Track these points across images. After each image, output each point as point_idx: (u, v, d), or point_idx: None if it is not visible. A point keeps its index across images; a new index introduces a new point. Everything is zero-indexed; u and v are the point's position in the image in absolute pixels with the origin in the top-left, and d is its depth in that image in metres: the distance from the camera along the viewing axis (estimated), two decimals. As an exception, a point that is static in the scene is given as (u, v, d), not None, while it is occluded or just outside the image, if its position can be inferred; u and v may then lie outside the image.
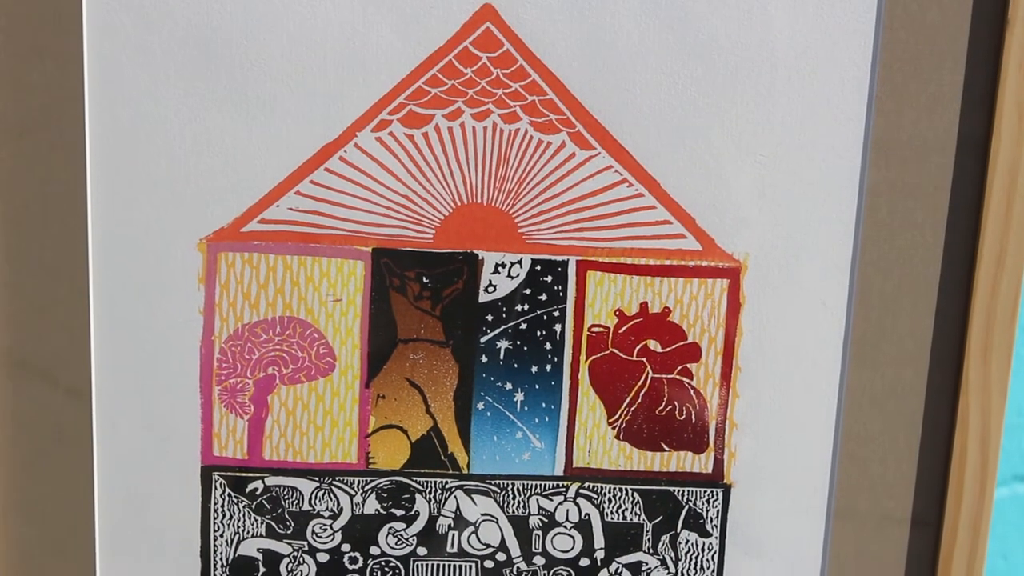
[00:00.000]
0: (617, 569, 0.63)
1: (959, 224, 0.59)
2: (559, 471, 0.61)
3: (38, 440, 0.59)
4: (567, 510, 0.62)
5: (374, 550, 0.62)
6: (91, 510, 0.60)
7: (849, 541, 0.62)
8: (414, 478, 0.61)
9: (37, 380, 0.59)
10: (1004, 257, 0.59)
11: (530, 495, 0.61)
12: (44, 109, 0.56)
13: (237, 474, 0.60)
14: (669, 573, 0.63)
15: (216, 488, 0.60)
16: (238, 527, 0.61)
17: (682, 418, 0.61)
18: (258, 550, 0.61)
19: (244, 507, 0.61)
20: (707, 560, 0.63)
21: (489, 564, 0.62)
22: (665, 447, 0.61)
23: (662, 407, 0.61)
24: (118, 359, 0.59)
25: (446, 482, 0.61)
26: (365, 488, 0.61)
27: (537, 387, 0.60)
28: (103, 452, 0.59)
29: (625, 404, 0.61)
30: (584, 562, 0.62)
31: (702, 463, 0.62)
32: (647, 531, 0.62)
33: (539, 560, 0.62)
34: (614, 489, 0.62)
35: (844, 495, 0.62)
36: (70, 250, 0.58)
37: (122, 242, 0.57)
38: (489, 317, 0.59)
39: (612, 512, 0.62)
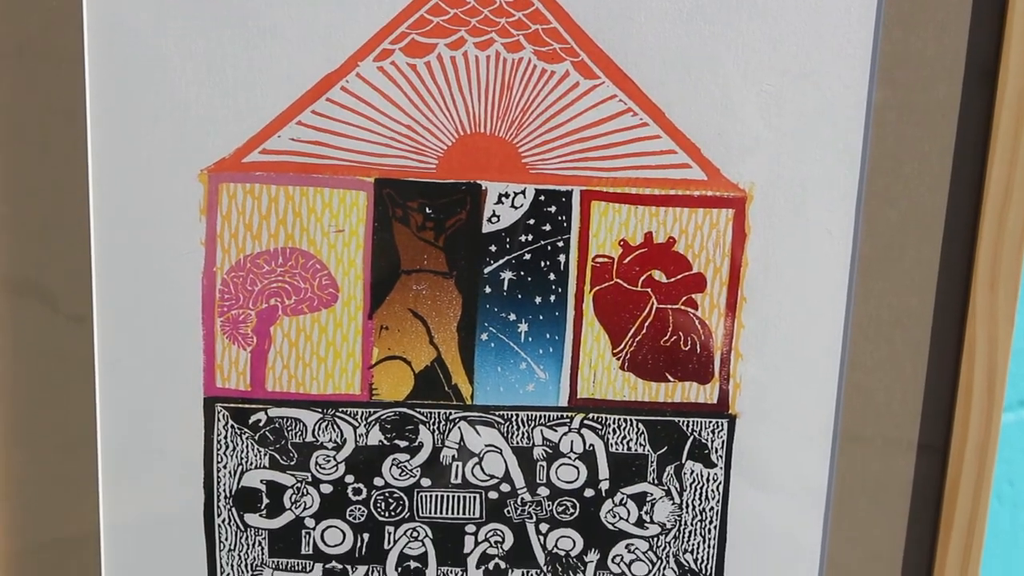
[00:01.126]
0: (622, 500, 0.67)
1: (966, 152, 0.63)
2: (563, 402, 0.65)
3: (40, 370, 0.63)
4: (571, 441, 0.66)
5: (378, 481, 0.66)
6: (94, 442, 0.64)
7: (855, 470, 0.67)
8: (417, 409, 0.65)
9: (38, 309, 0.63)
10: (1011, 185, 0.62)
11: (534, 426, 0.66)
12: (43, 40, 0.59)
13: (240, 405, 0.65)
14: (674, 504, 0.67)
15: (219, 420, 0.65)
16: (241, 459, 0.66)
17: (687, 348, 0.65)
18: (261, 481, 0.66)
19: (247, 438, 0.65)
20: (712, 491, 0.67)
21: (493, 495, 0.67)
22: (670, 378, 0.65)
23: (667, 337, 0.65)
24: (120, 292, 0.62)
25: (450, 413, 0.65)
26: (368, 419, 0.65)
27: (541, 318, 0.64)
28: (105, 384, 0.63)
29: (630, 335, 0.65)
30: (588, 493, 0.67)
31: (707, 393, 0.66)
32: (652, 462, 0.67)
33: (543, 491, 0.67)
34: (619, 420, 0.66)
35: (850, 424, 0.66)
36: (71, 182, 0.61)
37: (123, 173, 0.61)
38: (493, 248, 0.63)
39: (617, 443, 0.66)
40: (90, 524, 0.66)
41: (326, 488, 0.66)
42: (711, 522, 0.68)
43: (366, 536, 0.67)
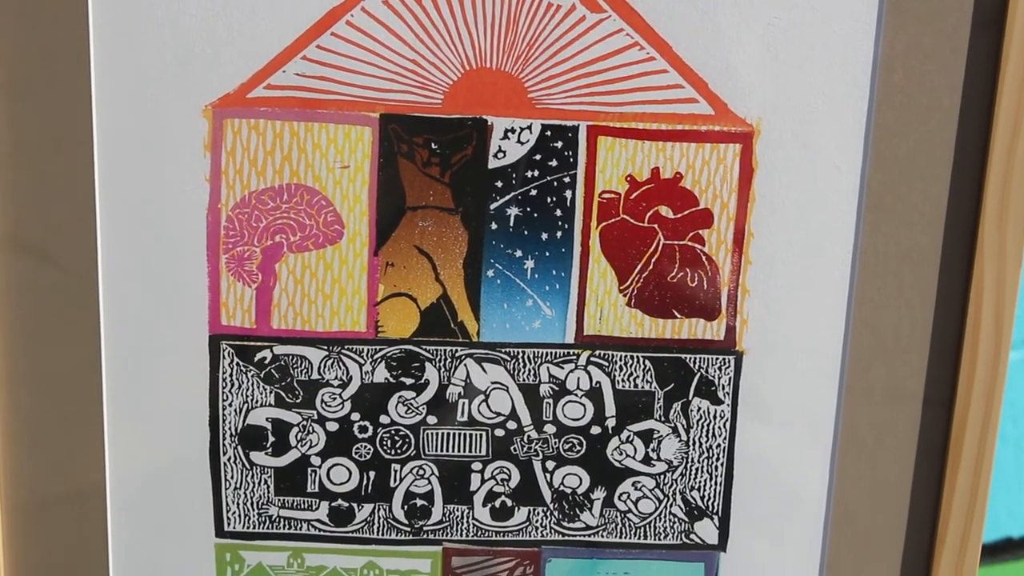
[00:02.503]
0: (628, 437, 0.69)
1: (976, 87, 0.64)
2: (570, 339, 0.67)
3: (44, 308, 0.66)
4: (578, 378, 0.68)
5: (384, 419, 0.68)
6: (98, 380, 0.67)
7: (862, 407, 0.69)
8: (423, 346, 0.67)
9: (41, 256, 0.65)
10: (1020, 121, 0.64)
11: (540, 363, 0.68)
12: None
13: (245, 343, 0.67)
14: (681, 441, 0.69)
15: (224, 357, 0.67)
16: (247, 396, 0.68)
17: (694, 285, 0.67)
18: (267, 419, 0.68)
19: (252, 376, 0.67)
20: (719, 428, 0.69)
21: (499, 432, 0.69)
22: (677, 314, 0.67)
23: (674, 274, 0.67)
24: (124, 228, 0.64)
25: (456, 350, 0.68)
26: (374, 357, 0.68)
27: (547, 254, 0.66)
28: (110, 323, 0.66)
29: (636, 271, 0.67)
30: (595, 430, 0.69)
31: (714, 330, 0.68)
32: (658, 399, 0.69)
33: (550, 428, 0.69)
34: (625, 357, 0.68)
35: (857, 361, 0.68)
36: (75, 121, 0.63)
37: (127, 110, 0.63)
38: (499, 183, 0.65)
39: (623, 380, 0.68)
40: (97, 466, 0.68)
41: (332, 426, 0.69)
42: (718, 459, 0.70)
43: (372, 474, 0.69)
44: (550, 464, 0.70)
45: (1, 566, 0.68)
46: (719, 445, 0.70)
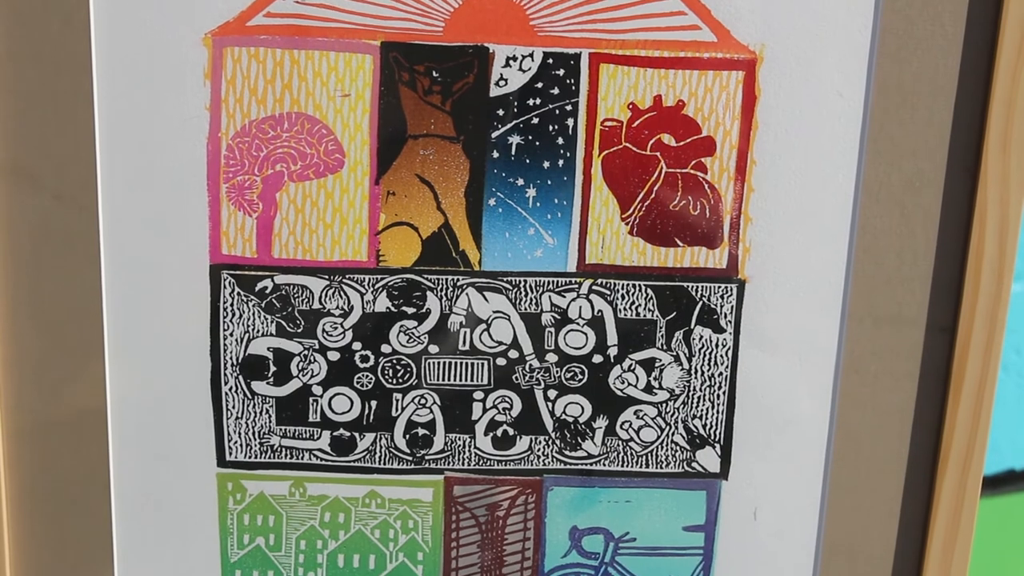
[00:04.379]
0: (630, 366, 0.72)
1: (979, 12, 0.66)
2: (572, 267, 0.70)
3: (44, 237, 0.68)
4: (580, 307, 0.71)
5: (385, 348, 0.71)
6: (99, 312, 0.69)
7: (864, 334, 0.71)
8: (425, 275, 0.70)
9: (40, 184, 0.67)
10: None
11: (542, 292, 0.71)
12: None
13: (246, 273, 0.70)
14: (683, 369, 0.72)
15: (225, 287, 0.70)
16: (248, 326, 0.71)
17: (696, 213, 0.69)
18: (268, 349, 0.71)
19: (253, 306, 0.70)
20: (721, 356, 0.72)
21: (501, 362, 0.72)
22: (679, 242, 0.70)
23: (676, 202, 0.69)
24: (123, 158, 0.67)
25: (457, 279, 0.70)
26: (376, 286, 0.70)
27: (549, 183, 0.69)
28: (110, 254, 0.68)
29: (639, 199, 0.69)
30: (597, 359, 0.72)
31: (716, 258, 0.70)
32: (660, 327, 0.72)
33: (552, 357, 0.72)
34: (627, 285, 0.71)
35: (860, 288, 0.70)
36: (73, 49, 0.65)
37: (126, 39, 0.65)
38: (500, 112, 0.67)
39: (625, 308, 0.71)
40: (97, 396, 0.71)
41: (333, 355, 0.72)
42: (720, 388, 0.73)
43: (373, 403, 0.73)
44: (552, 393, 0.73)
45: (3, 491, 0.72)
46: (721, 373, 0.73)
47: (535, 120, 0.68)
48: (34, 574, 0.73)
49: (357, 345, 0.72)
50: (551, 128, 0.68)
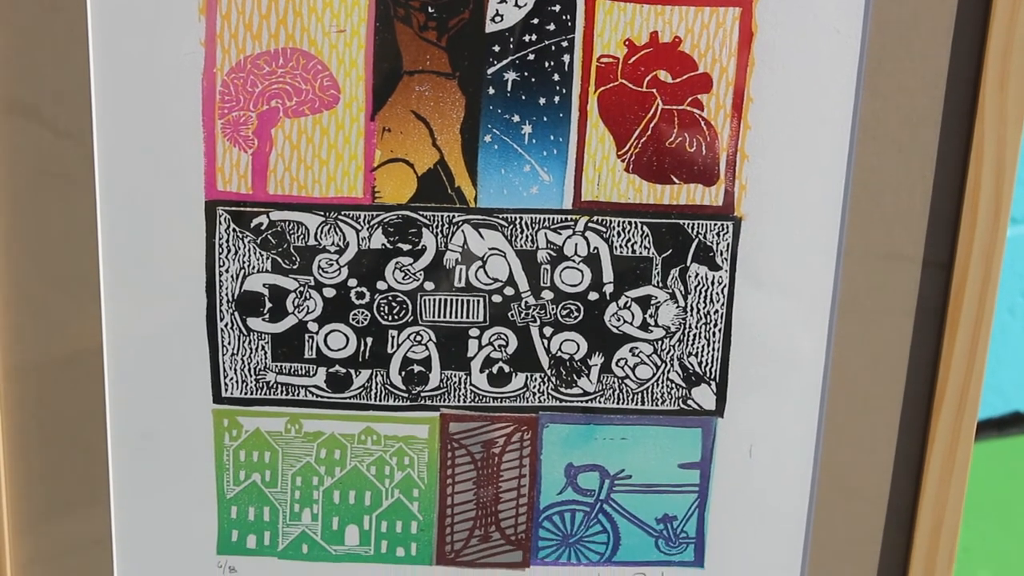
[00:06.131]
0: (626, 303, 0.74)
1: None
2: (567, 205, 0.72)
3: (39, 172, 0.70)
4: (575, 244, 0.73)
5: (381, 285, 0.74)
6: (94, 248, 0.72)
7: (861, 271, 0.73)
8: (420, 212, 0.72)
9: (36, 119, 0.69)
10: None
11: (538, 229, 0.73)
12: None
13: (241, 209, 0.72)
14: (678, 307, 0.75)
15: (220, 223, 0.72)
16: (243, 262, 0.73)
17: (692, 150, 0.71)
18: (264, 285, 0.73)
19: (249, 242, 0.72)
20: (717, 294, 0.74)
21: (497, 299, 0.74)
22: (675, 179, 0.72)
23: (672, 139, 0.71)
24: (119, 93, 0.69)
25: (453, 216, 0.72)
26: (371, 223, 0.72)
27: (545, 119, 0.70)
28: (105, 190, 0.71)
29: (635, 136, 0.71)
30: (593, 296, 0.74)
31: (712, 195, 0.72)
32: (656, 265, 0.74)
33: (547, 295, 0.74)
34: (623, 223, 0.73)
35: (856, 228, 0.72)
36: None
37: None
38: (496, 48, 0.69)
39: (621, 246, 0.73)
40: (93, 333, 0.74)
41: (329, 292, 0.74)
42: (715, 325, 0.75)
43: (369, 340, 0.75)
44: (547, 330, 0.75)
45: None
46: (717, 311, 0.75)
47: (531, 56, 0.70)
48: (30, 511, 0.76)
49: (353, 282, 0.74)
50: (547, 64, 0.70)
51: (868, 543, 0.79)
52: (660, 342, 0.76)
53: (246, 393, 0.75)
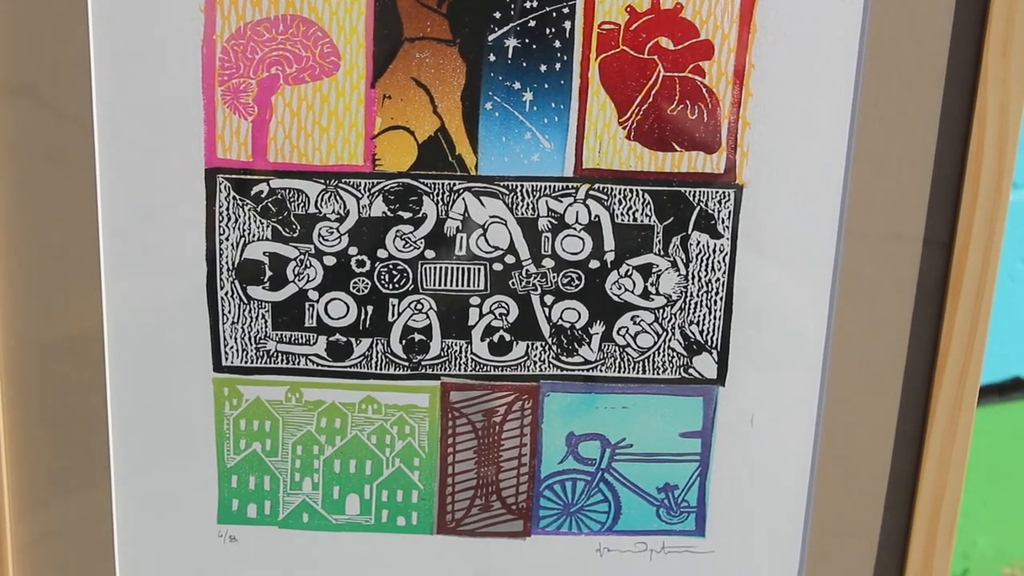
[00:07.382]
0: (627, 271, 0.76)
1: None
2: (569, 172, 0.73)
3: (37, 144, 0.71)
4: (576, 212, 0.74)
5: (381, 253, 0.75)
6: (94, 219, 0.73)
7: (862, 240, 0.75)
8: (421, 180, 0.73)
9: (34, 97, 0.70)
10: None
11: (539, 197, 0.74)
12: None
13: (242, 176, 0.73)
14: (680, 275, 0.76)
15: (220, 191, 0.73)
16: (243, 231, 0.74)
17: (694, 117, 0.72)
18: (264, 253, 0.75)
19: (249, 210, 0.74)
20: (718, 262, 0.75)
21: (497, 267, 0.75)
22: (676, 147, 0.73)
23: (673, 106, 0.72)
24: (117, 61, 0.70)
25: (454, 184, 0.73)
26: (372, 190, 0.74)
27: (546, 86, 0.72)
28: (104, 155, 0.72)
29: (636, 103, 0.72)
30: (594, 264, 0.75)
31: (714, 163, 0.73)
32: (657, 233, 0.75)
33: (548, 263, 0.75)
34: (624, 190, 0.74)
35: (858, 194, 0.74)
36: None
37: None
38: (497, 14, 0.70)
39: (622, 214, 0.74)
40: (93, 304, 0.75)
41: (329, 260, 0.75)
42: (717, 294, 0.76)
43: (370, 308, 0.76)
44: (549, 298, 0.77)
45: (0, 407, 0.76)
46: (718, 279, 0.76)
47: (532, 23, 0.71)
48: (31, 481, 0.77)
49: (353, 250, 0.75)
50: (548, 31, 0.71)
51: (869, 512, 0.80)
52: (661, 310, 0.77)
53: (246, 362, 0.77)
